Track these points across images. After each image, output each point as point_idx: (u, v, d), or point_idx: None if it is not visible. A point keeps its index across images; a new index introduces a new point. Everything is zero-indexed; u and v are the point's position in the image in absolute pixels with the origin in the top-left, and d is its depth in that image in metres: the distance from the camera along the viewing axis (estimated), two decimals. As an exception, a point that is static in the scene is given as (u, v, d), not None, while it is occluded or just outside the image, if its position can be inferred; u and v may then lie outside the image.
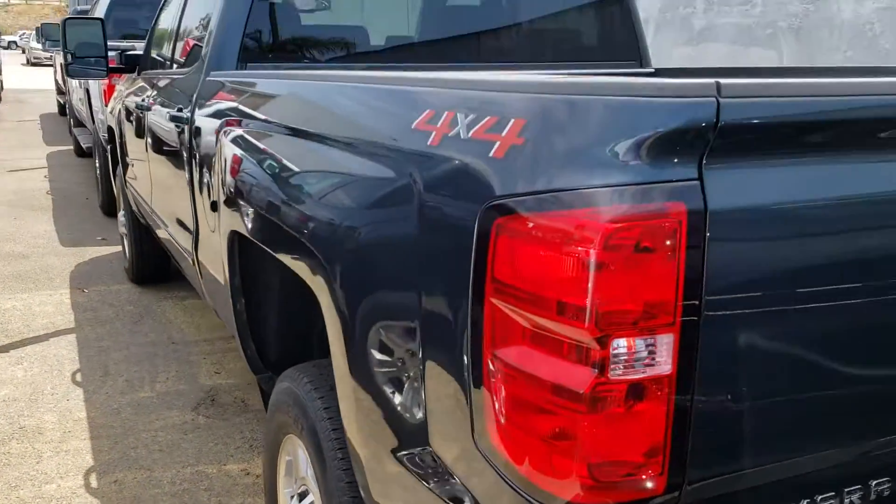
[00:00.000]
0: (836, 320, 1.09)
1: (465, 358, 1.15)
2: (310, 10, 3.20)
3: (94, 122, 7.64)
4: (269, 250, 1.86)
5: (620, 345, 0.98)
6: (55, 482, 2.97)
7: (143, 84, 4.24)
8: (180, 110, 3.01)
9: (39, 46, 35.67)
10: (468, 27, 3.44)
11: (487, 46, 3.45)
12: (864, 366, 1.14)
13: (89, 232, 6.74)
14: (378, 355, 1.40)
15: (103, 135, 6.52)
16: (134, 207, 4.85)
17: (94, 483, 2.98)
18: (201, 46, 3.09)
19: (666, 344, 0.99)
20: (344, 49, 3.22)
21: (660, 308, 0.98)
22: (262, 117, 2.16)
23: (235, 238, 2.23)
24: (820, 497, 1.19)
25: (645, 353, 0.99)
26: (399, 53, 3.28)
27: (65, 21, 4.29)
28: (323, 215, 1.58)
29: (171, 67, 3.71)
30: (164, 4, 4.41)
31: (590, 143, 0.99)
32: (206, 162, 2.57)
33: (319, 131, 1.75)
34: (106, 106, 6.62)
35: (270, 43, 3.01)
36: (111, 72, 4.51)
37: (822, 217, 1.06)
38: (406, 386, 1.33)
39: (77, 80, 8.35)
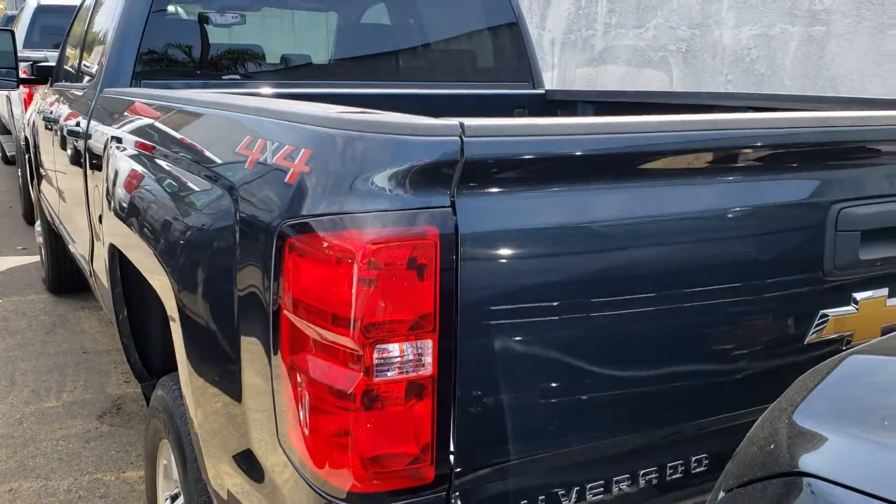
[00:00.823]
0: (578, 326, 1.25)
1: (270, 364, 1.27)
2: (215, 24, 3.29)
3: (16, 129, 7.57)
4: (131, 260, 1.96)
5: (384, 350, 1.11)
6: (-52, 491, 3.00)
7: (54, 96, 4.28)
8: (78, 124, 3.08)
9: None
10: (369, 49, 3.58)
11: (390, 67, 3.59)
12: (605, 367, 1.30)
13: (9, 241, 6.68)
14: (210, 361, 1.52)
15: (22, 143, 6.49)
16: (49, 217, 4.86)
17: (-12, 492, 3.02)
18: (100, 62, 3.17)
19: (426, 349, 1.13)
20: (243, 68, 3.33)
21: (420, 318, 1.12)
22: (138, 135, 2.26)
23: (116, 251, 2.32)
24: (589, 484, 1.34)
25: (407, 358, 1.13)
26: (300, 73, 3.39)
27: (-27, 33, 4.31)
28: (167, 228, 1.70)
29: (76, 80, 3.77)
30: (75, 16, 4.47)
31: (358, 174, 1.12)
32: (96, 175, 2.65)
33: (174, 150, 1.87)
34: (25, 114, 6.60)
35: (166, 61, 3.10)
36: (22, 83, 4.53)
37: (561, 237, 1.22)
38: (231, 388, 1.45)
39: (-6, 89, 8.23)
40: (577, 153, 1.20)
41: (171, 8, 3.07)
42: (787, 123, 1.41)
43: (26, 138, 5.56)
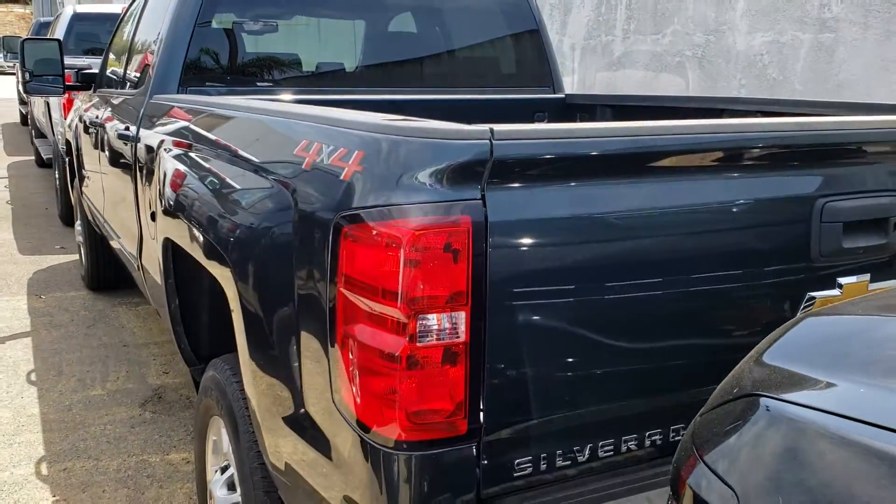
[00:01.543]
0: (591, 305, 1.44)
1: (327, 335, 1.48)
2: (252, 33, 3.52)
3: (54, 133, 7.86)
4: (191, 253, 2.18)
5: (425, 320, 1.32)
6: (8, 470, 3.23)
7: (98, 101, 4.52)
8: (127, 129, 3.31)
9: (1, 56, 35.50)
10: (397, 56, 3.79)
11: (417, 73, 3.80)
12: (614, 340, 1.49)
13: (48, 241, 6.95)
14: (270, 337, 1.73)
15: (62, 147, 6.77)
16: (89, 217, 5.10)
17: (44, 471, 3.25)
18: (148, 69, 3.40)
19: (460, 320, 1.33)
20: (279, 75, 3.55)
21: (454, 294, 1.32)
22: (192, 138, 2.48)
23: (169, 244, 2.54)
24: (601, 442, 1.54)
25: (444, 327, 1.33)
26: (331, 79, 3.61)
27: (23, 42, 4.56)
28: (228, 222, 1.92)
29: (122, 87, 4.00)
30: (118, 26, 4.71)
31: (404, 172, 1.33)
32: (147, 176, 2.88)
33: (231, 152, 2.09)
34: (65, 119, 6.87)
35: (210, 69, 3.33)
36: (68, 89, 4.78)
37: (575, 226, 1.42)
38: (289, 362, 1.66)
39: (36, 95, 8.54)
40: (589, 153, 1.40)
41: (215, 21, 3.29)
42: (777, 128, 1.60)
43: (67, 141, 5.82)
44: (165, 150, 2.62)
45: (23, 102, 14.48)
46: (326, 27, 3.87)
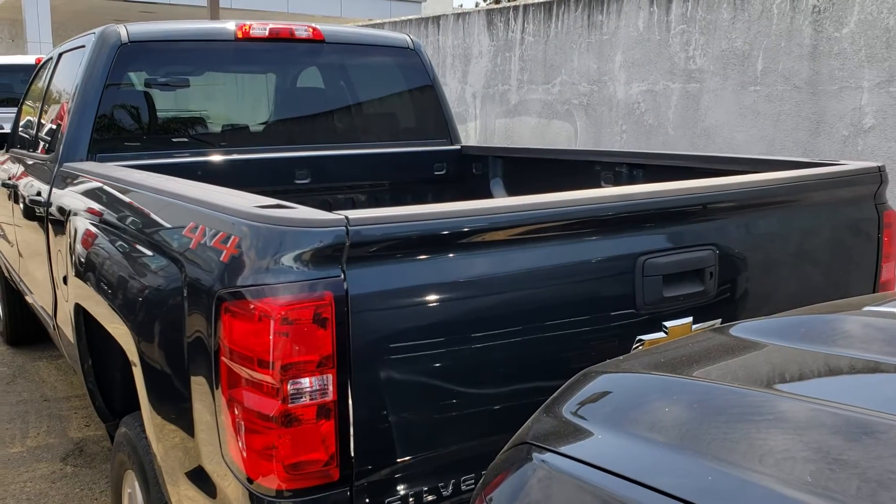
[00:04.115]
0: (441, 357, 1.68)
1: (214, 398, 1.68)
2: (163, 90, 3.68)
3: (-32, 187, 7.79)
4: (96, 317, 2.34)
5: (297, 384, 1.53)
6: (-74, 534, 3.27)
7: (11, 161, 4.59)
8: (39, 194, 3.43)
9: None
10: (305, 111, 4.01)
11: (323, 129, 4.02)
12: (464, 386, 1.73)
13: (-36, 296, 6.87)
14: (167, 398, 1.92)
15: (-23, 201, 6.73)
16: (5, 273, 5.13)
17: (-37, 532, 3.30)
18: (58, 134, 3.53)
19: (328, 381, 1.55)
20: (189, 135, 3.73)
21: (323, 358, 1.54)
22: (97, 209, 2.64)
23: (80, 308, 2.69)
24: (463, 477, 1.77)
25: (314, 388, 1.54)
26: (239, 138, 3.80)
27: (-67, 105, 4.61)
28: (127, 292, 2.10)
29: (34, 149, 4.10)
30: (30, 84, 4.80)
31: (273, 255, 1.55)
32: (58, 242, 3.01)
33: (131, 225, 2.27)
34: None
35: (119, 132, 3.48)
36: (-21, 149, 4.84)
37: (430, 293, 1.66)
38: (185, 421, 1.84)
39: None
40: (431, 232, 1.65)
41: (124, 82, 3.45)
42: (600, 200, 1.88)
43: (-19, 198, 5.82)
44: (74, 219, 2.77)
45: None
46: (235, 84, 4.06)
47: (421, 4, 24.44)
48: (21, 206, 3.94)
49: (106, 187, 2.64)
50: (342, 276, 1.55)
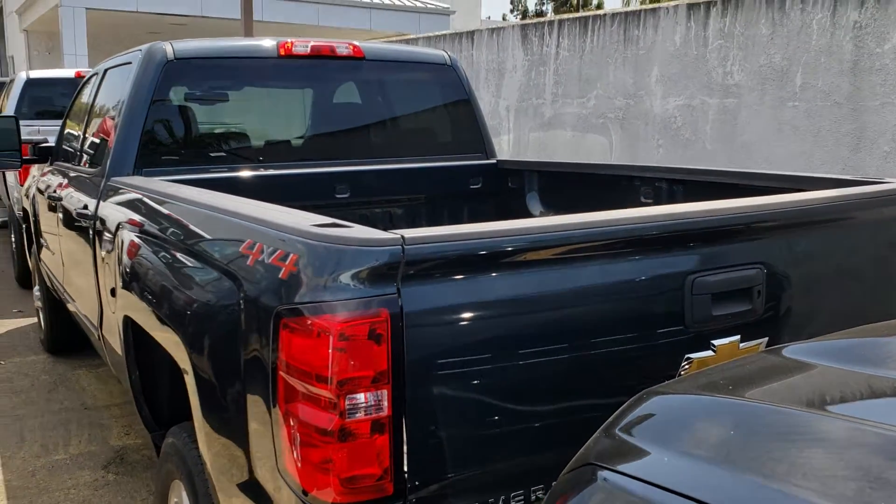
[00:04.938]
0: (493, 372, 1.71)
1: (271, 411, 1.71)
2: (205, 105, 3.76)
3: (9, 198, 7.96)
4: (147, 330, 2.40)
5: (353, 399, 1.56)
6: (-26, 539, 3.35)
7: (56, 174, 4.69)
8: (86, 207, 3.51)
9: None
10: (341, 128, 4.06)
11: (359, 144, 4.07)
12: (516, 403, 1.75)
13: (5, 304, 7.01)
14: (222, 411, 1.96)
15: (18, 212, 6.88)
16: (48, 283, 5.24)
17: (10, 538, 3.38)
18: (104, 150, 3.61)
19: (384, 396, 1.58)
20: (232, 150, 3.80)
21: (378, 374, 1.57)
22: (148, 224, 2.70)
23: (129, 321, 2.75)
24: (513, 493, 1.79)
25: (370, 403, 1.58)
26: (280, 153, 3.87)
27: (-20, 119, 4.73)
28: (183, 306, 2.15)
29: (79, 163, 4.19)
30: (74, 99, 4.91)
31: (331, 273, 1.59)
32: (106, 255, 3.08)
33: (184, 240, 2.32)
34: (20, 185, 7.00)
35: (164, 147, 3.56)
36: (25, 163, 4.95)
37: (477, 308, 1.69)
38: (239, 433, 1.88)
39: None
40: (485, 251, 1.68)
41: (169, 98, 3.52)
42: (652, 219, 1.90)
43: (24, 209, 5.96)
44: (123, 232, 2.84)
45: (-26, 161, 14.47)
46: (276, 100, 4.13)
47: (449, 17, 24.58)
48: (66, 217, 4.02)
49: (156, 202, 2.70)
50: (397, 293, 1.59)
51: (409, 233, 1.59)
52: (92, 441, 4.28)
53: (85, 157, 4.09)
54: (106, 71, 4.08)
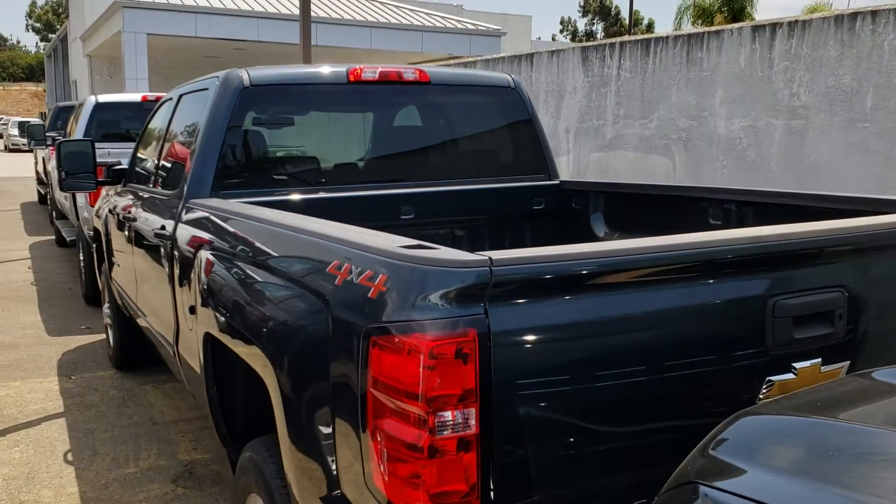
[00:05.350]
0: (581, 393, 1.73)
1: (359, 427, 1.77)
2: (274, 130, 3.87)
3: (78, 217, 8.24)
4: (232, 347, 2.48)
5: (441, 416, 1.61)
6: (54, 547, 3.47)
7: (129, 195, 4.85)
8: (163, 228, 3.63)
9: (16, 132, 36.58)
10: (407, 150, 4.14)
11: (424, 166, 4.14)
12: (601, 424, 1.78)
13: (74, 321, 7.24)
14: (307, 426, 2.02)
15: (89, 231, 7.12)
16: (118, 300, 5.40)
17: (87, 547, 3.48)
18: (181, 173, 3.74)
19: (471, 414, 1.62)
20: (302, 173, 3.90)
21: (465, 392, 1.61)
22: (228, 243, 2.80)
23: (209, 338, 2.84)
24: (595, 513, 1.81)
25: (458, 421, 1.62)
26: (347, 175, 3.96)
27: (59, 144, 4.93)
28: (268, 324, 2.22)
29: (154, 185, 4.34)
30: (147, 124, 5.08)
31: (420, 293, 1.64)
32: (185, 275, 3.19)
33: (269, 261, 2.40)
34: (90, 205, 7.24)
35: (239, 171, 3.67)
36: (100, 185, 5.14)
37: (571, 329, 1.72)
38: (325, 448, 1.94)
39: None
40: (572, 272, 1.72)
41: (244, 123, 3.64)
42: (734, 242, 1.91)
43: (95, 229, 6.16)
44: (204, 252, 2.94)
45: (41, 182, 15.00)
46: (344, 124, 4.23)
47: (500, 39, 24.76)
48: (140, 237, 4.16)
49: (239, 223, 2.79)
50: (485, 313, 1.63)
51: (497, 254, 1.63)
52: (161, 455, 4.39)
53: (160, 179, 4.23)
54: (181, 96, 4.23)
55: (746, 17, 27.29)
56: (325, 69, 3.81)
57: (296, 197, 3.65)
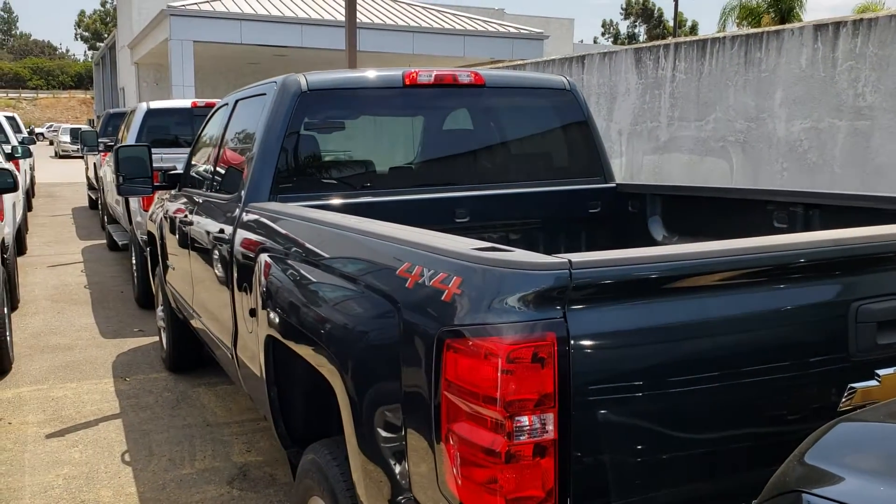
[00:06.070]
0: (660, 398, 1.69)
1: (432, 431, 1.75)
2: (329, 135, 3.89)
3: (130, 221, 8.39)
4: (296, 350, 2.48)
5: (519, 421, 1.58)
6: (115, 546, 3.52)
7: (184, 199, 4.92)
8: (221, 231, 3.67)
9: (68, 139, 37.46)
10: (463, 152, 4.13)
11: (477, 169, 4.13)
12: (680, 430, 1.73)
13: (127, 324, 7.37)
14: (376, 429, 2.01)
15: (142, 235, 7.24)
16: (172, 304, 5.48)
17: (147, 546, 3.53)
18: (239, 178, 3.78)
19: (549, 419, 1.60)
20: (357, 177, 3.92)
21: (543, 397, 1.59)
22: (291, 247, 2.81)
23: (271, 341, 2.85)
24: (672, 521, 1.77)
25: (535, 426, 1.59)
26: (401, 179, 3.96)
27: (117, 150, 5.03)
28: (336, 327, 2.22)
29: (210, 189, 4.39)
30: (202, 130, 5.15)
31: (496, 296, 1.62)
32: (245, 278, 3.21)
33: (334, 264, 2.40)
34: (143, 210, 7.37)
35: (296, 177, 3.70)
36: (156, 189, 5.22)
37: (643, 334, 1.68)
38: (395, 451, 1.93)
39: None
40: (652, 276, 1.68)
41: (301, 129, 3.66)
42: (813, 245, 1.86)
43: (149, 233, 6.27)
44: (265, 255, 2.95)
45: (91, 188, 15.33)
46: (400, 127, 4.24)
47: (542, 42, 24.68)
48: (197, 240, 4.21)
49: (299, 226, 2.80)
50: (563, 317, 1.60)
51: (577, 257, 1.61)
52: (216, 457, 4.44)
53: (217, 183, 4.28)
54: (237, 102, 4.27)
55: (794, 18, 26.83)
56: (381, 73, 3.83)
57: (350, 200, 3.66)
